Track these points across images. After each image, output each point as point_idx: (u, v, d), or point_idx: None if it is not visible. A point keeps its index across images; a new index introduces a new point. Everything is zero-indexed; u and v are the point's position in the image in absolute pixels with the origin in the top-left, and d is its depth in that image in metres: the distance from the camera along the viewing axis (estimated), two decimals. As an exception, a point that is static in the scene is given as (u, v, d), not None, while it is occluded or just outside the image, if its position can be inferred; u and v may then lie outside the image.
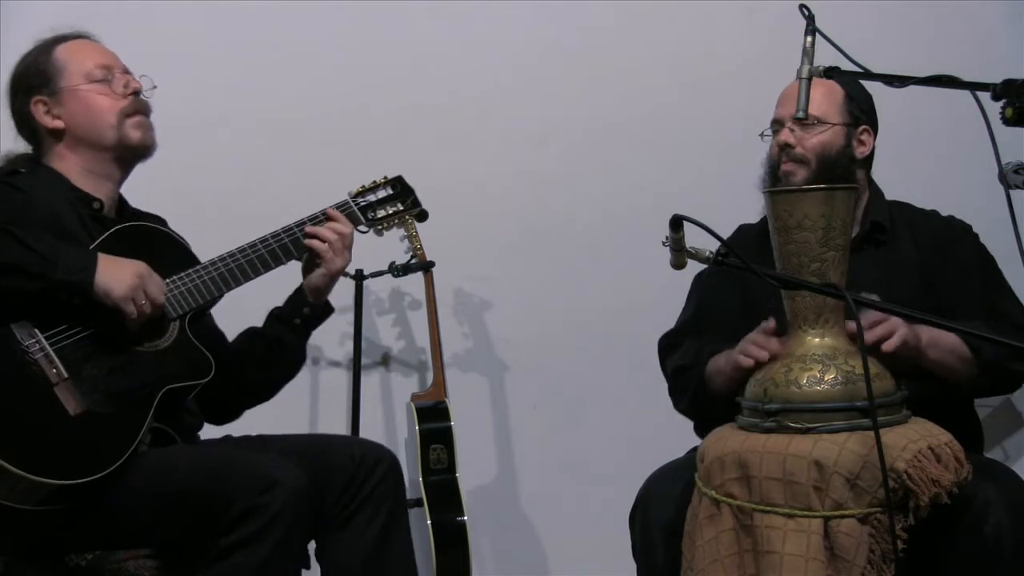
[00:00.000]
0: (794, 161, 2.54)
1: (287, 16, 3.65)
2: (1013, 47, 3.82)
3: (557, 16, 3.76)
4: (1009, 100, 1.91)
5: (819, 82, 2.49)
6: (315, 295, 2.49)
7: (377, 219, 2.55)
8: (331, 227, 2.45)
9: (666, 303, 2.74)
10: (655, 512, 2.32)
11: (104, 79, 2.40)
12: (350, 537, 2.34)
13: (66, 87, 2.38)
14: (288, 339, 2.51)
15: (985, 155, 2.06)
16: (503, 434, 3.80)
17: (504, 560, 3.80)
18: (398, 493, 2.42)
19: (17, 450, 2.07)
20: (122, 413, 2.20)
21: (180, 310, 2.32)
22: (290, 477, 2.17)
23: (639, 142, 3.80)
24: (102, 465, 2.14)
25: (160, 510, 2.20)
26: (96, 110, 2.38)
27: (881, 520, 2.03)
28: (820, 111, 2.55)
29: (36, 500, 2.12)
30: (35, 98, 2.38)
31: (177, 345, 2.32)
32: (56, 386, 2.16)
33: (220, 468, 2.21)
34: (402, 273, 3.51)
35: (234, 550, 2.12)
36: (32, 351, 2.16)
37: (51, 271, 2.12)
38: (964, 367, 2.35)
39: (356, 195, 2.54)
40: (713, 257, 2.12)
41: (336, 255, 2.44)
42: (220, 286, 2.36)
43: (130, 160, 2.43)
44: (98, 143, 2.39)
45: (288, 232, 2.43)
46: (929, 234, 2.58)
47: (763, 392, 2.17)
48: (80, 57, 2.41)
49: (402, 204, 2.58)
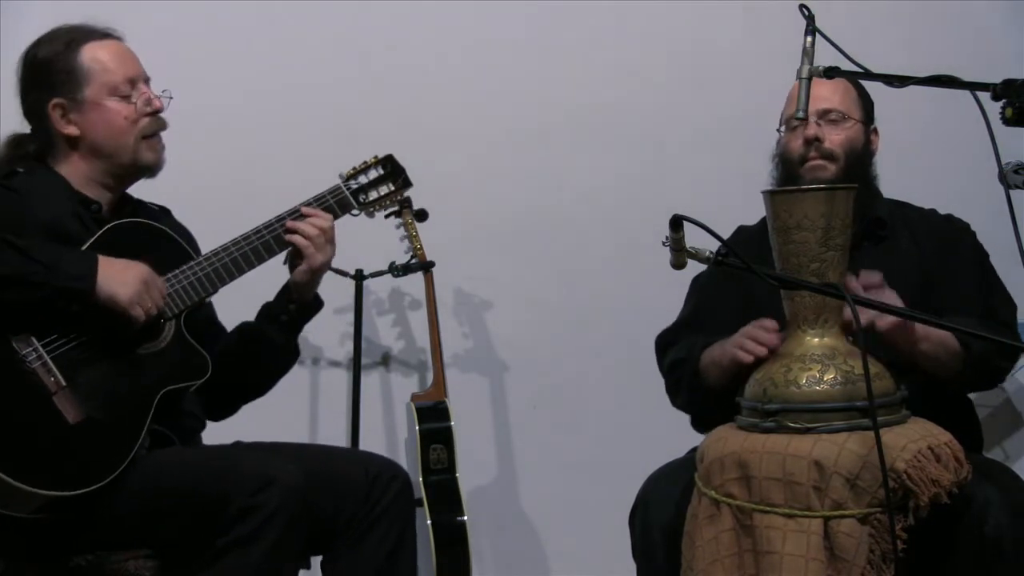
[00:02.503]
0: (824, 156, 2.50)
1: (285, 14, 3.65)
2: (1013, 47, 3.83)
3: (557, 16, 3.76)
4: (1009, 100, 1.91)
5: (834, 81, 2.50)
6: (300, 291, 2.46)
7: (369, 202, 2.51)
8: (311, 222, 2.40)
9: (666, 303, 2.74)
10: (655, 512, 2.32)
11: (127, 95, 2.35)
12: (361, 554, 2.34)
13: (89, 98, 2.33)
14: (276, 336, 2.48)
15: (985, 155, 2.05)
16: (503, 434, 3.80)
17: (504, 560, 3.80)
18: (409, 511, 2.43)
19: (15, 462, 2.06)
20: (121, 418, 2.20)
21: (175, 309, 2.31)
22: (286, 475, 2.17)
23: (639, 142, 3.80)
24: (100, 475, 2.14)
25: (158, 511, 2.20)
26: (116, 128, 2.34)
27: (881, 520, 2.02)
28: (844, 107, 2.53)
29: (32, 509, 2.12)
30: (54, 100, 2.33)
31: (174, 345, 2.31)
32: (55, 395, 2.15)
33: (217, 468, 2.21)
34: (402, 273, 3.51)
35: (231, 549, 2.12)
36: (30, 360, 2.14)
37: (52, 279, 2.11)
38: (953, 361, 2.35)
39: (348, 178, 2.51)
40: (713, 257, 2.12)
41: (318, 250, 2.40)
42: (210, 284, 2.34)
43: (137, 176, 2.42)
44: (111, 158, 2.36)
45: (269, 228, 2.39)
46: (928, 232, 2.58)
47: (763, 392, 2.17)
48: (108, 67, 2.34)
49: (393, 184, 2.53)
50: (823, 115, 2.52)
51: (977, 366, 2.37)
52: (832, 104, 2.53)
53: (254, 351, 2.49)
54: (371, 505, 2.35)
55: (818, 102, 2.47)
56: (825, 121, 2.52)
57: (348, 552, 2.35)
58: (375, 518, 2.35)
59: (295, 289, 2.46)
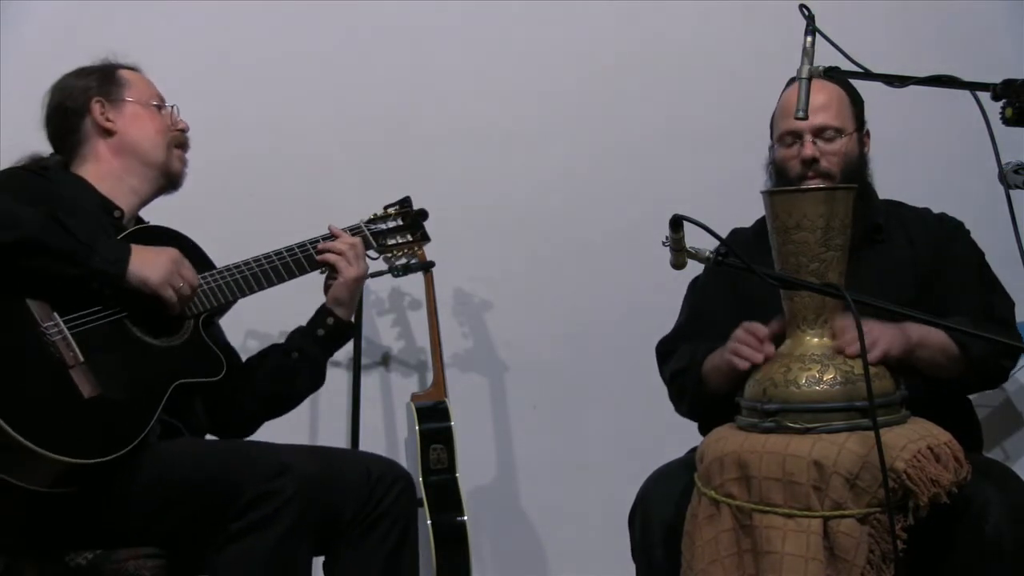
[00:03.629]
0: (822, 176, 2.48)
1: (288, 21, 3.65)
2: (1013, 47, 3.83)
3: (557, 16, 3.76)
4: (1009, 100, 1.91)
5: (826, 88, 2.49)
6: (338, 306, 2.57)
7: (387, 247, 2.66)
8: (341, 240, 2.55)
9: (666, 303, 2.74)
10: (655, 512, 2.32)
11: (159, 107, 2.52)
12: (363, 554, 2.36)
13: (128, 99, 2.49)
14: (310, 351, 2.56)
15: (985, 155, 2.06)
16: (503, 434, 3.80)
17: (504, 560, 3.80)
18: (411, 513, 2.45)
19: (34, 427, 2.08)
20: (134, 401, 2.23)
21: (196, 309, 2.37)
22: (301, 463, 2.21)
23: (639, 142, 3.80)
24: (115, 447, 2.16)
25: (170, 498, 2.21)
26: (151, 129, 2.49)
27: (881, 520, 2.02)
28: (839, 121, 2.51)
29: (49, 481, 2.13)
30: (96, 97, 2.46)
31: (191, 342, 2.36)
32: (72, 368, 2.18)
33: (231, 456, 2.25)
34: (402, 273, 3.51)
35: (246, 534, 2.14)
36: (51, 332, 2.19)
37: (88, 260, 2.18)
38: (953, 364, 2.35)
39: (368, 222, 2.64)
40: (713, 257, 2.12)
41: (351, 264, 2.53)
42: (235, 291, 2.43)
43: (160, 186, 2.52)
44: (144, 157, 2.47)
45: (302, 248, 2.53)
46: (922, 232, 2.57)
47: (762, 392, 2.17)
48: (142, 84, 2.53)
49: (411, 236, 2.68)
50: (818, 133, 2.49)
51: (978, 367, 2.36)
52: (827, 120, 2.50)
53: (285, 364, 2.55)
54: (373, 506, 2.37)
55: (813, 117, 2.41)
56: (821, 139, 2.50)
57: (349, 553, 2.36)
58: (377, 519, 2.37)
59: (333, 305, 2.57)
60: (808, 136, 2.49)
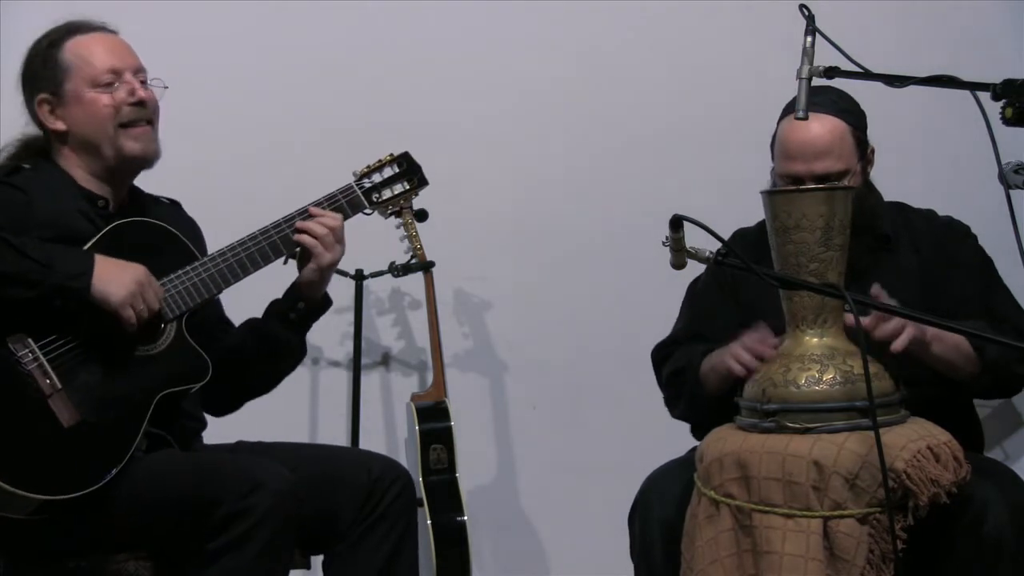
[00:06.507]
0: None
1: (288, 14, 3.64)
2: (1013, 47, 3.82)
3: (557, 17, 3.76)
4: (1009, 100, 1.91)
5: (826, 125, 2.39)
6: (309, 289, 2.44)
7: (382, 201, 2.51)
8: (320, 221, 2.39)
9: (666, 303, 2.74)
10: (654, 512, 2.32)
11: (109, 84, 2.32)
12: (362, 553, 2.34)
13: (70, 90, 2.32)
14: (283, 334, 2.46)
15: (985, 155, 2.05)
16: (503, 434, 3.80)
17: (504, 560, 3.80)
18: (411, 512, 2.42)
19: (11, 467, 2.06)
20: (117, 422, 2.19)
21: (176, 311, 2.29)
22: (275, 479, 2.16)
23: (639, 142, 3.80)
24: (93, 479, 2.12)
25: (149, 516, 2.19)
26: (97, 119, 2.32)
27: (880, 520, 2.03)
28: (843, 162, 2.42)
29: (29, 512, 2.11)
30: (39, 96, 2.34)
31: (173, 348, 2.29)
32: (50, 397, 2.13)
33: (206, 472, 2.20)
34: (402, 273, 3.51)
35: (222, 554, 2.12)
36: (25, 362, 2.13)
37: (48, 277, 2.09)
38: (967, 364, 2.34)
39: (361, 176, 2.50)
40: (713, 257, 2.12)
41: (327, 249, 2.38)
42: (213, 286, 2.32)
43: (129, 170, 2.39)
44: (97, 150, 2.33)
45: (277, 229, 2.38)
46: (929, 237, 2.56)
47: (762, 392, 2.18)
48: (89, 58, 2.33)
49: (408, 183, 2.53)
50: (821, 180, 2.40)
51: (993, 371, 2.35)
52: (829, 167, 2.41)
53: (261, 347, 2.47)
54: (373, 505, 2.35)
55: (814, 162, 2.38)
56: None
57: (349, 552, 2.35)
58: (376, 519, 2.35)
59: (304, 288, 2.44)
60: (809, 183, 2.39)
